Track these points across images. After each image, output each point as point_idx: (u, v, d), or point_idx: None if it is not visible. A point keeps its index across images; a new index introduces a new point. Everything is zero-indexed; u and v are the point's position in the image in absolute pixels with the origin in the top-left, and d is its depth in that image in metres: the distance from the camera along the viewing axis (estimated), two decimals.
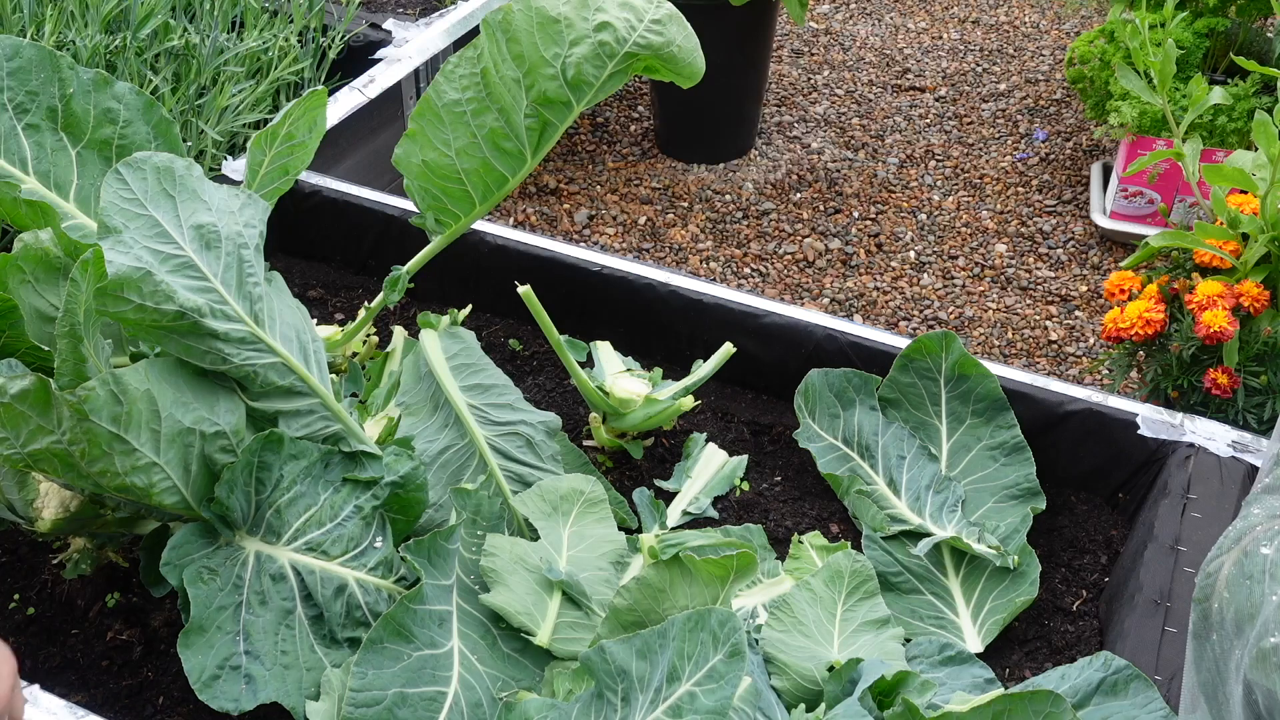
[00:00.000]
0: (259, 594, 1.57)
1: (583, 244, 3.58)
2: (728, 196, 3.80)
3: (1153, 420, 2.02)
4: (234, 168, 2.57)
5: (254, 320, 1.63)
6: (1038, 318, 3.36)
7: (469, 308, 2.29)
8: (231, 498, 1.57)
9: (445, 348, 2.02)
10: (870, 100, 4.31)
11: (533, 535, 1.79)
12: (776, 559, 1.93)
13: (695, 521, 2.03)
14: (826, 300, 3.41)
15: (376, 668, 1.53)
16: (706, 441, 2.16)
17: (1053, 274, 3.51)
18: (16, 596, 1.84)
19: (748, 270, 3.52)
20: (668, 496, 2.08)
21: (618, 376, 2.13)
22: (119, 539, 1.81)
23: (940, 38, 4.70)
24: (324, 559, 1.62)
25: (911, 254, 3.59)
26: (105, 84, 1.93)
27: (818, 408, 2.13)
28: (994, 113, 4.23)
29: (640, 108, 4.23)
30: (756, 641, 1.72)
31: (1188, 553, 1.81)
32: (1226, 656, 1.13)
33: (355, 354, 2.28)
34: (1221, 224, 2.41)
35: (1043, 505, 1.98)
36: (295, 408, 1.70)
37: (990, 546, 1.89)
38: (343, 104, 2.86)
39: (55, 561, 1.85)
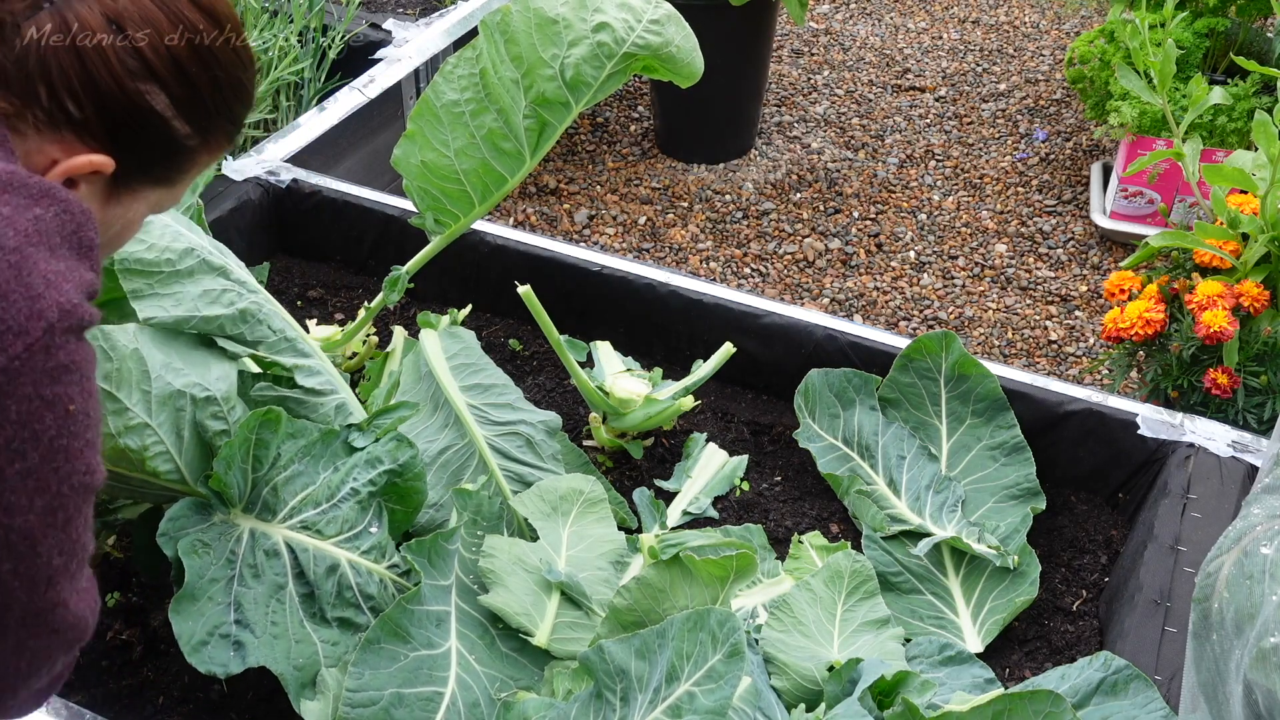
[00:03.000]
0: (252, 567, 1.57)
1: (583, 244, 3.57)
2: (728, 196, 3.80)
3: (1153, 420, 2.02)
4: (234, 168, 2.57)
5: None
6: (1038, 318, 3.36)
7: (469, 308, 2.29)
8: (229, 474, 1.56)
9: (445, 348, 2.02)
10: (870, 100, 4.31)
11: (533, 535, 1.79)
12: (776, 559, 1.93)
13: (695, 521, 2.03)
14: (826, 300, 3.41)
15: (373, 668, 1.53)
16: (706, 441, 2.16)
17: (1053, 274, 3.50)
18: None
19: (748, 270, 3.52)
20: (668, 496, 2.07)
21: (618, 376, 2.13)
22: (113, 526, 1.81)
23: (940, 38, 4.70)
24: (318, 538, 1.61)
25: (911, 254, 3.59)
26: None
27: (818, 408, 2.13)
28: (994, 113, 4.23)
29: (640, 108, 4.23)
30: (756, 641, 1.71)
31: (1188, 553, 1.81)
32: (1226, 656, 1.13)
33: (355, 354, 2.28)
34: (1221, 224, 2.41)
35: (1043, 505, 1.98)
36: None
37: (990, 546, 1.88)
38: (343, 104, 2.86)
39: None
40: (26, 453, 0.94)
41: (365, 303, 2.43)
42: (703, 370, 2.15)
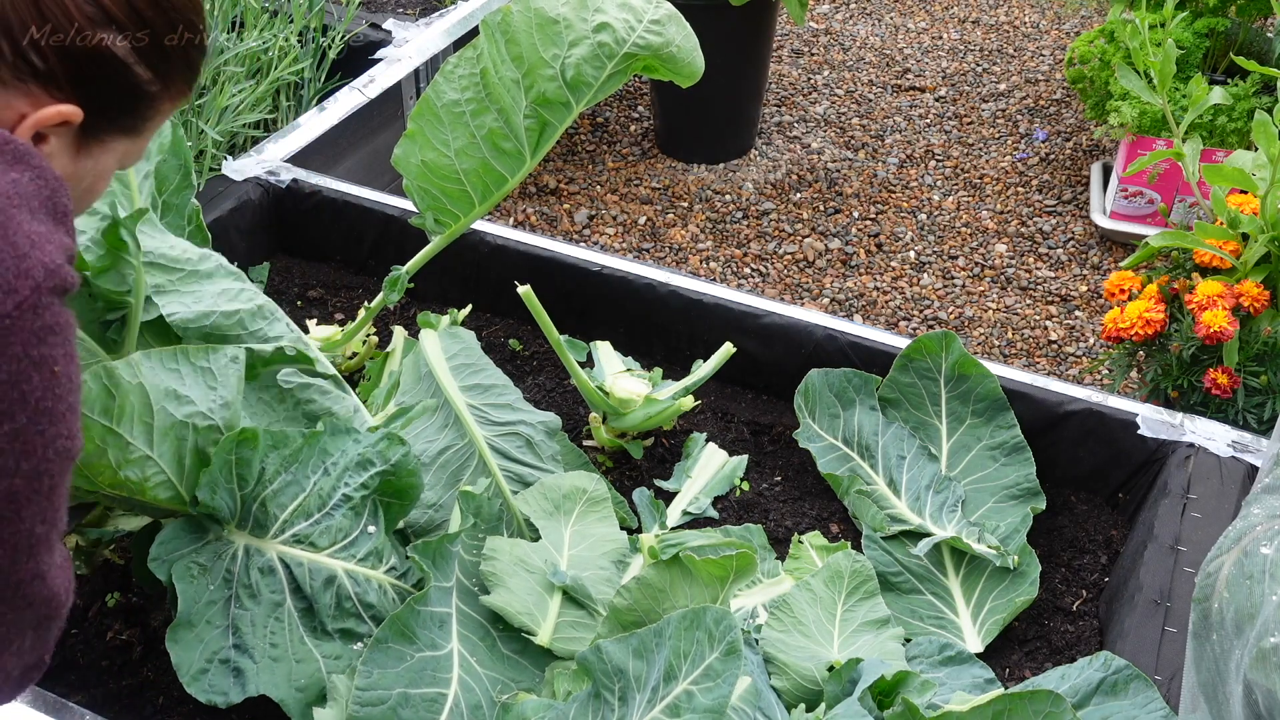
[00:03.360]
0: (248, 587, 1.56)
1: (583, 244, 3.58)
2: (728, 196, 3.80)
3: (1153, 420, 2.02)
4: (234, 168, 2.57)
5: None
6: (1038, 318, 3.36)
7: (469, 308, 2.29)
8: (215, 498, 1.55)
9: (445, 348, 2.02)
10: (870, 100, 4.31)
11: (533, 535, 1.79)
12: (776, 559, 1.93)
13: (695, 521, 2.03)
14: (826, 300, 3.41)
15: (381, 667, 1.53)
16: (706, 441, 2.16)
17: (1053, 274, 3.50)
18: None
19: (748, 270, 3.52)
20: (668, 496, 2.07)
21: (618, 376, 2.13)
22: (112, 536, 1.81)
23: (940, 38, 4.70)
24: (312, 550, 1.60)
25: (911, 254, 3.59)
26: None
27: (818, 408, 2.13)
28: (994, 113, 4.23)
29: (640, 108, 4.22)
30: (756, 641, 1.72)
31: (1188, 553, 1.81)
32: (1226, 656, 1.13)
33: (355, 354, 2.28)
34: (1221, 224, 2.41)
35: (1043, 505, 1.98)
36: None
37: (990, 546, 1.89)
38: (343, 104, 2.86)
39: None
40: (15, 413, 0.96)
41: (365, 303, 2.43)
42: (703, 370, 2.15)
